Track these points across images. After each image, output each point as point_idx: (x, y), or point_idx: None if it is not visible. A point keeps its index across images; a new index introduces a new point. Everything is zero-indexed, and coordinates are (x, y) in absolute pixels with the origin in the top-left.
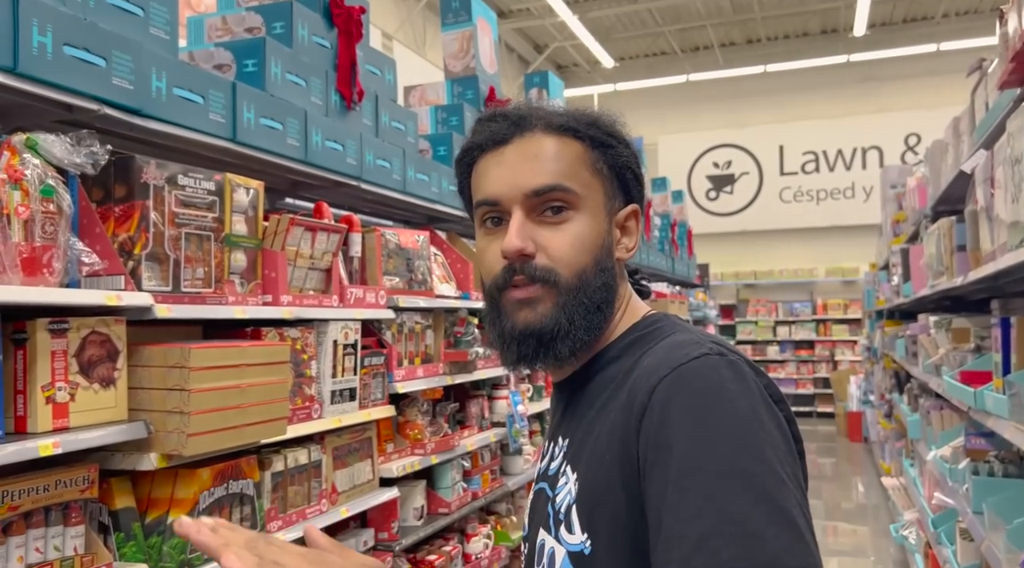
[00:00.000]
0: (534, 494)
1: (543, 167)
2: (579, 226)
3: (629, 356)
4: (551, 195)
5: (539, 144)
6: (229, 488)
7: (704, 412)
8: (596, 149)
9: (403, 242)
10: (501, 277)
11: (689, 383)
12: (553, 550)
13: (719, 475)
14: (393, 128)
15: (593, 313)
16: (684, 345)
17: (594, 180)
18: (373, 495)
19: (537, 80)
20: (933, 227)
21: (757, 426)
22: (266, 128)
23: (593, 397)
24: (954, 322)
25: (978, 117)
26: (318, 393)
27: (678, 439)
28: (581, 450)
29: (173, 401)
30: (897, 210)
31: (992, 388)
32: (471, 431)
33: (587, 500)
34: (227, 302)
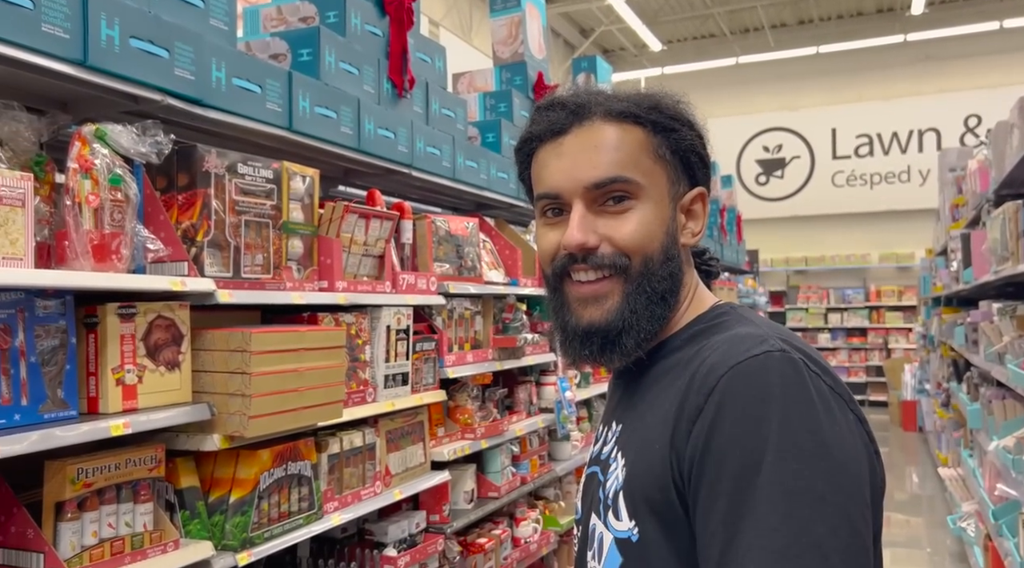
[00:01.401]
0: (586, 477)
1: (603, 158)
2: (643, 214)
3: (691, 347)
4: (612, 187)
5: (599, 134)
6: (288, 469)
7: (757, 422)
8: (658, 134)
9: (453, 229)
10: (560, 263)
11: (744, 386)
12: (602, 535)
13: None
14: (443, 115)
15: (657, 303)
16: (745, 340)
17: (656, 167)
18: (425, 478)
19: (585, 65)
20: (997, 211)
21: (815, 438)
22: (321, 117)
23: (650, 386)
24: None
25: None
26: (372, 377)
27: (730, 449)
28: (632, 437)
29: (235, 384)
30: (956, 194)
31: None
32: (519, 416)
33: (634, 488)
34: (285, 288)
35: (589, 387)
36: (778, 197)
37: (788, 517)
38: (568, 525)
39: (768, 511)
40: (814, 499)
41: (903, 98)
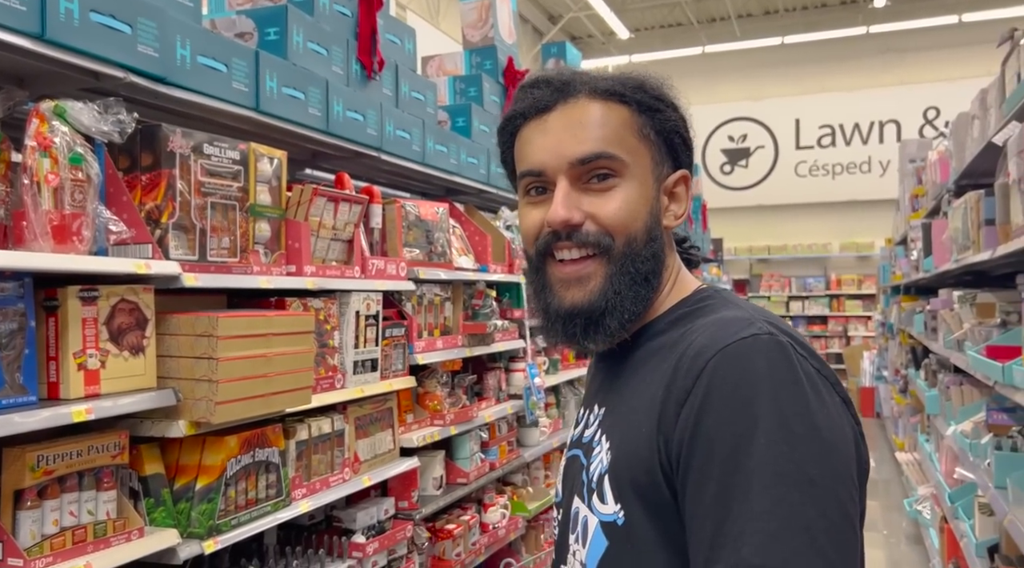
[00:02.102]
0: (567, 460)
1: (588, 134)
2: (627, 192)
3: (675, 330)
4: (597, 163)
5: (584, 110)
6: (255, 456)
7: (746, 404)
8: (643, 114)
9: (423, 214)
10: (544, 241)
11: (732, 368)
12: (586, 518)
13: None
14: (413, 98)
15: (641, 284)
16: (733, 323)
17: (641, 146)
18: (394, 464)
19: (555, 51)
20: (959, 201)
21: (804, 421)
22: (288, 97)
23: (634, 370)
24: (979, 297)
25: (1008, 88)
26: (341, 363)
27: (719, 432)
28: (617, 421)
29: (201, 369)
30: (916, 184)
31: (1021, 363)
32: (488, 403)
33: (620, 471)
34: (252, 272)
35: (558, 374)
36: (742, 186)
37: (779, 500)
38: (536, 510)
39: (759, 494)
40: (804, 482)
41: (865, 89)
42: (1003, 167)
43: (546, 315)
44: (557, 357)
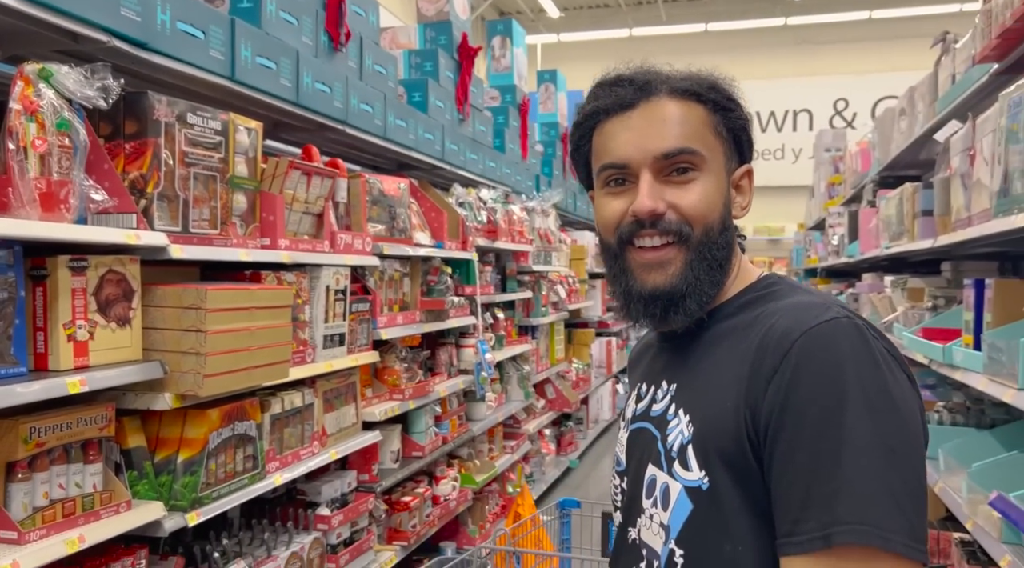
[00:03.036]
0: (633, 432)
1: (671, 131)
2: (704, 185)
3: (746, 313)
4: (679, 157)
5: (665, 108)
6: (235, 429)
7: (832, 381)
8: (717, 113)
9: (386, 189)
10: (627, 231)
11: (818, 348)
12: (667, 485)
13: (852, 445)
14: (375, 71)
15: (716, 269)
16: (812, 307)
17: (716, 142)
18: (358, 438)
19: (501, 28)
20: (895, 192)
21: (884, 397)
22: (262, 67)
23: (708, 349)
24: (909, 282)
25: (942, 88)
26: (311, 337)
27: (809, 406)
28: (696, 395)
29: (189, 342)
30: (832, 173)
31: (961, 344)
32: (442, 378)
33: (705, 441)
34: (232, 244)
35: (503, 350)
36: None
37: (867, 467)
38: (483, 482)
39: (850, 461)
40: (888, 451)
41: (781, 79)
42: (944, 162)
43: (627, 297)
44: (502, 333)
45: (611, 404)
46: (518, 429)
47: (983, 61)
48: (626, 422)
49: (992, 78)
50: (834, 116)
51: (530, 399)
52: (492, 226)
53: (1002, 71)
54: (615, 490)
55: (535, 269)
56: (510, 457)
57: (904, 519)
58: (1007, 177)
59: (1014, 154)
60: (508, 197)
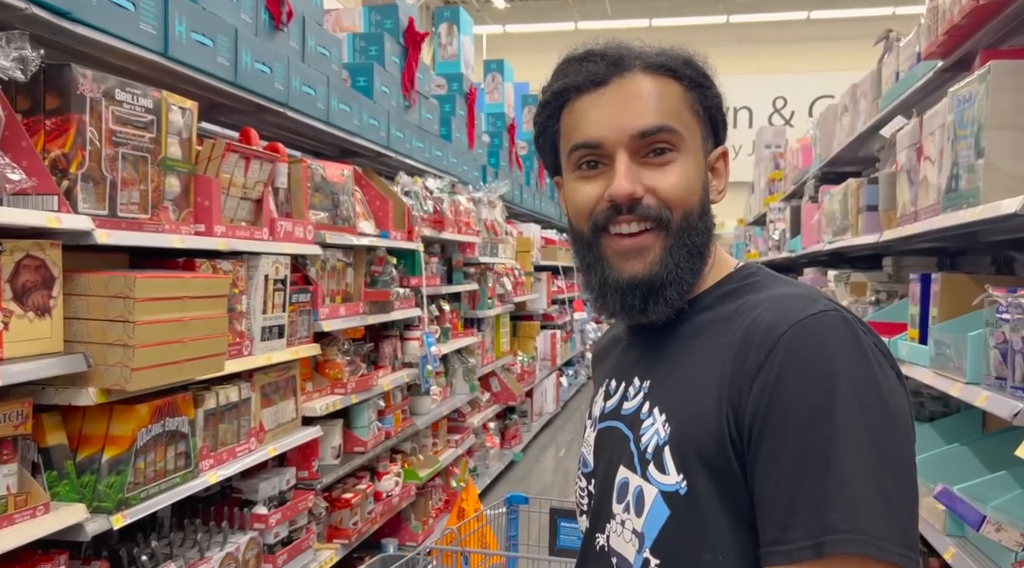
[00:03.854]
0: (601, 432)
1: (648, 108)
2: (683, 167)
3: (725, 305)
4: (657, 136)
5: (640, 84)
6: (166, 425)
7: (820, 377)
8: (693, 90)
9: (328, 176)
10: (602, 217)
11: (807, 343)
12: (641, 488)
13: (843, 444)
14: (318, 53)
15: (696, 256)
16: (797, 299)
17: (693, 121)
18: (297, 434)
19: (448, 15)
20: (839, 187)
21: (874, 393)
22: (197, 44)
23: (685, 342)
24: (852, 277)
25: (886, 85)
26: (248, 329)
27: (797, 403)
28: (673, 393)
29: (115, 333)
30: (773, 169)
31: (907, 338)
32: (385, 371)
33: (683, 442)
34: (164, 230)
35: (449, 342)
36: None
37: (859, 468)
38: (426, 477)
39: (841, 461)
40: (879, 449)
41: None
42: (889, 157)
43: (603, 288)
44: (448, 326)
45: (555, 397)
46: (463, 423)
47: (929, 58)
48: (593, 421)
49: (937, 75)
50: (773, 114)
51: (475, 392)
52: (439, 216)
53: (947, 68)
54: (580, 493)
55: (481, 261)
56: (454, 451)
57: (898, 525)
58: (954, 173)
59: (961, 150)
60: (455, 187)
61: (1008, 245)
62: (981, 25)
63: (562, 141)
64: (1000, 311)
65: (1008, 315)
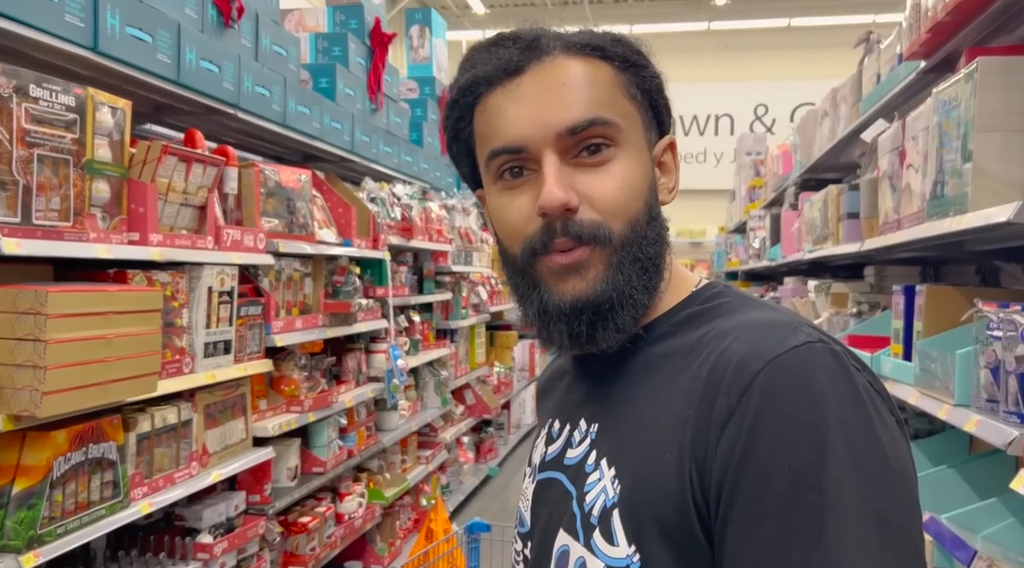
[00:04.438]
0: (540, 484)
1: (576, 97)
2: (625, 166)
3: (687, 333)
4: (590, 131)
5: (564, 69)
6: (89, 452)
7: (807, 428)
8: (627, 71)
9: (283, 181)
10: (538, 240)
11: (789, 384)
12: (583, 560)
13: (837, 516)
14: (274, 52)
15: (650, 271)
16: (775, 328)
17: (631, 108)
18: (246, 456)
19: (419, 16)
20: (819, 194)
21: (874, 448)
22: (133, 39)
23: (637, 379)
24: (833, 287)
25: (867, 88)
26: (190, 345)
27: (777, 462)
28: (625, 442)
29: (24, 353)
30: (753, 176)
31: (890, 353)
32: (348, 386)
33: (638, 505)
34: (88, 239)
35: (418, 355)
36: None
37: (857, 546)
38: (393, 497)
39: (834, 538)
40: (880, 522)
41: (703, 83)
42: (871, 163)
43: (543, 317)
44: (418, 338)
45: (533, 408)
46: (434, 438)
47: (911, 58)
48: (532, 469)
49: (919, 76)
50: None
51: (448, 406)
52: (407, 224)
53: (930, 69)
54: (516, 557)
55: (455, 270)
56: (424, 468)
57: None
58: (940, 178)
59: (947, 154)
60: (426, 194)
61: (994, 255)
62: (966, 22)
63: (478, 147)
64: (991, 327)
65: (999, 332)
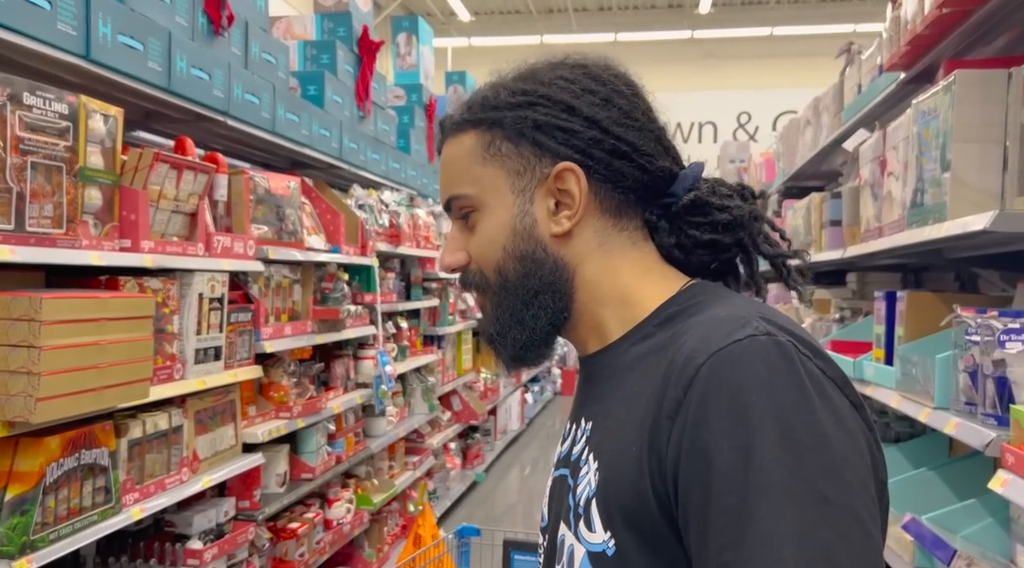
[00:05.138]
0: (554, 481)
1: (443, 180)
2: (483, 225)
3: (664, 331)
4: (453, 206)
5: (445, 153)
6: (81, 458)
7: (746, 414)
8: (490, 129)
9: (273, 188)
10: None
11: (728, 375)
12: (572, 548)
13: (771, 495)
14: (263, 60)
15: (528, 305)
16: (725, 322)
17: (487, 169)
18: (236, 462)
19: (406, 24)
20: (802, 201)
21: (811, 429)
22: (125, 47)
23: (621, 377)
24: (816, 293)
25: (848, 98)
26: (180, 351)
27: (717, 447)
28: (605, 437)
29: (18, 359)
30: None
31: (872, 358)
32: (336, 392)
33: (608, 495)
34: (81, 246)
35: (406, 361)
36: None
37: (792, 523)
38: (381, 503)
39: (769, 516)
40: (818, 500)
41: (687, 92)
42: (853, 171)
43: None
44: (406, 344)
45: (520, 414)
46: (421, 444)
47: (891, 69)
48: (552, 467)
49: (899, 87)
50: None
51: (435, 412)
52: (395, 230)
53: (909, 80)
54: (540, 551)
55: (442, 276)
56: (412, 474)
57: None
58: (920, 187)
59: (927, 163)
60: (413, 200)
61: (973, 262)
62: (944, 35)
63: None
64: (969, 333)
65: (977, 337)
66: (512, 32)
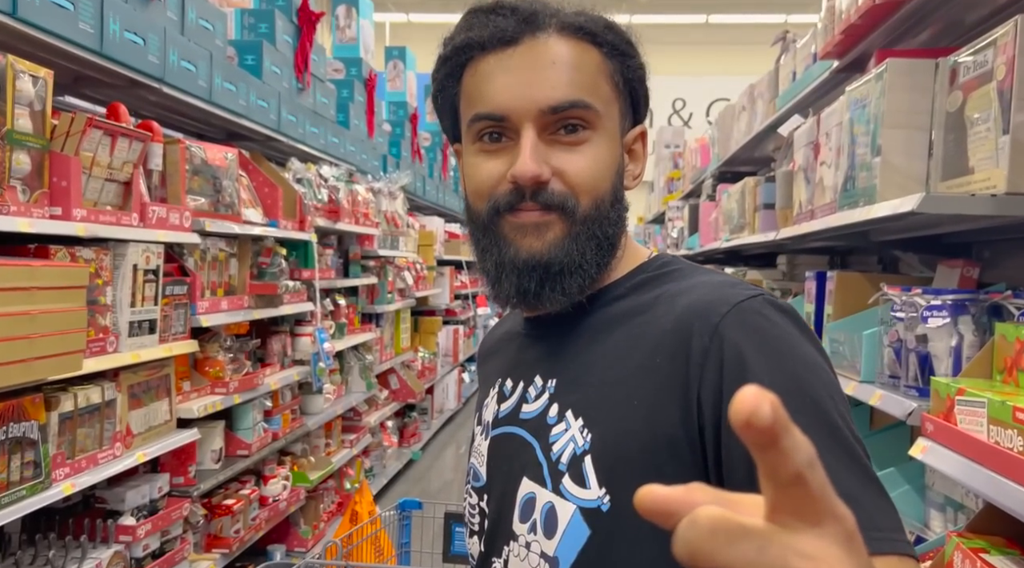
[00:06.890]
0: (496, 439)
1: (562, 77)
2: (597, 148)
3: (640, 295)
4: (570, 112)
5: (556, 48)
6: (8, 431)
7: (778, 354)
8: (614, 58)
9: (209, 158)
10: (504, 201)
11: (757, 321)
12: (552, 505)
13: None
14: (200, 27)
15: (605, 249)
16: (731, 285)
17: (612, 95)
18: (170, 437)
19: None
20: (736, 185)
21: (827, 372)
22: (54, 5)
23: (594, 336)
24: (748, 274)
25: (783, 85)
26: (114, 324)
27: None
28: (587, 394)
29: None
30: (672, 168)
31: None
32: (273, 369)
33: (608, 451)
34: (9, 212)
35: (344, 338)
36: None
37: (846, 430)
38: (318, 480)
39: (842, 424)
40: (848, 420)
41: None
42: (786, 156)
43: (498, 269)
44: (344, 321)
45: (457, 393)
46: (358, 422)
47: (825, 57)
48: (484, 427)
49: (832, 75)
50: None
51: (372, 390)
52: (334, 206)
53: (842, 68)
54: (471, 511)
55: (381, 254)
56: (349, 452)
57: (887, 498)
58: (851, 172)
59: (858, 149)
60: (352, 176)
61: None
62: (877, 25)
63: (463, 106)
64: (894, 310)
65: (902, 314)
66: (452, 9)
